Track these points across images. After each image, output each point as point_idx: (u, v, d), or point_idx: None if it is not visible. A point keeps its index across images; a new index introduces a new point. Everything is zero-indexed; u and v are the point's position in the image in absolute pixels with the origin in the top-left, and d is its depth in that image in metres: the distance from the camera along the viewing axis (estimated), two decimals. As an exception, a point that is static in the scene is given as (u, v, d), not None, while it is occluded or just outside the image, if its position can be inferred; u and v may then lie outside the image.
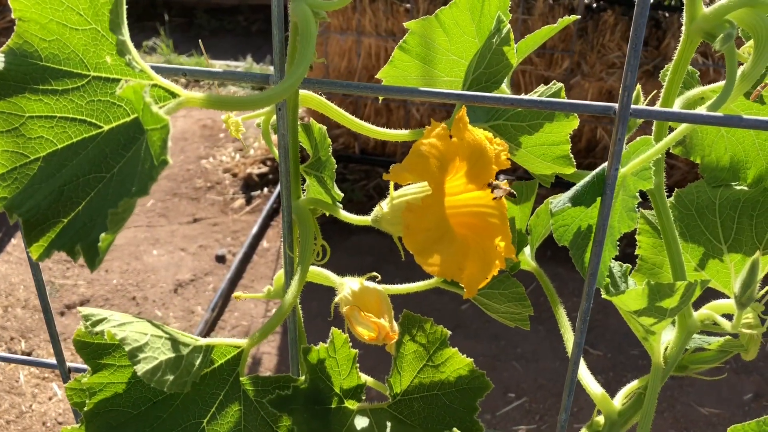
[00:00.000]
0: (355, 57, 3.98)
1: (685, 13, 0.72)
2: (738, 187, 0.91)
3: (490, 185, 0.72)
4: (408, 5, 3.72)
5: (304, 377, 0.73)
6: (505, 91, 0.83)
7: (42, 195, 0.60)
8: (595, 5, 3.69)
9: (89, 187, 0.60)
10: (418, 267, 0.67)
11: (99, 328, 0.61)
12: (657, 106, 0.77)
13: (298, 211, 0.78)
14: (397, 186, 0.74)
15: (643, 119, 0.69)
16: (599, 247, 0.71)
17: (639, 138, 0.77)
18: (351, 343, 0.75)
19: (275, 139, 0.76)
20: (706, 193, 0.91)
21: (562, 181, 0.89)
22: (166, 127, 0.53)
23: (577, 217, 0.78)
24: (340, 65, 4.05)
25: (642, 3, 0.60)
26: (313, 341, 0.77)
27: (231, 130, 0.82)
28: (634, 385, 0.93)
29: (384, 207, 0.74)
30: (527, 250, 0.99)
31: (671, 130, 0.79)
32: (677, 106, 0.81)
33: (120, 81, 0.62)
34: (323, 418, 0.72)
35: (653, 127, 0.83)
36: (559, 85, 0.81)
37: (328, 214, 0.81)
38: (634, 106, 0.65)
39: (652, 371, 0.88)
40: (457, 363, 0.75)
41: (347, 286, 0.80)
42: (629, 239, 0.92)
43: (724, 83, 0.71)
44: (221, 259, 3.93)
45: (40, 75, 0.60)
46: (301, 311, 0.84)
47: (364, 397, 0.76)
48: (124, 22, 0.61)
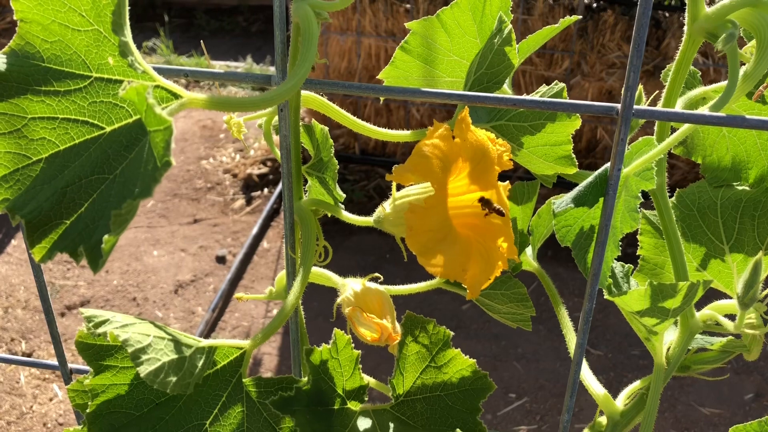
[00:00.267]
0: (355, 57, 3.98)
1: (687, 13, 0.72)
2: (740, 188, 0.91)
3: (480, 201, 0.72)
4: (408, 5, 3.72)
5: (306, 378, 0.73)
6: (506, 91, 0.83)
7: (44, 196, 0.60)
8: (595, 5, 3.68)
9: (92, 189, 0.60)
10: (419, 266, 0.67)
11: (101, 330, 0.61)
12: (659, 107, 0.77)
13: (300, 212, 0.78)
14: (399, 187, 0.74)
15: (645, 119, 0.68)
16: (602, 247, 0.71)
17: (641, 138, 0.77)
18: (353, 344, 0.75)
19: (277, 139, 0.76)
20: (708, 193, 0.91)
21: (563, 181, 0.89)
22: (170, 129, 0.53)
23: (580, 217, 0.78)
24: (340, 66, 4.05)
25: (644, 3, 0.60)
26: (315, 341, 0.77)
27: (233, 131, 0.82)
28: (636, 385, 0.93)
29: (386, 208, 0.74)
30: (529, 251, 0.99)
31: (673, 130, 0.79)
32: (679, 106, 0.81)
33: (122, 82, 0.62)
34: (326, 419, 0.72)
35: (655, 128, 0.82)
36: (561, 85, 0.81)
37: (330, 214, 0.81)
38: (636, 107, 0.65)
39: (655, 372, 0.88)
40: (459, 364, 0.75)
41: (349, 287, 0.80)
42: (630, 239, 0.92)
43: (726, 83, 0.71)
44: (221, 259, 3.93)
45: (42, 76, 0.60)
46: (303, 312, 0.83)
47: (366, 398, 0.76)
48: (127, 23, 0.61)
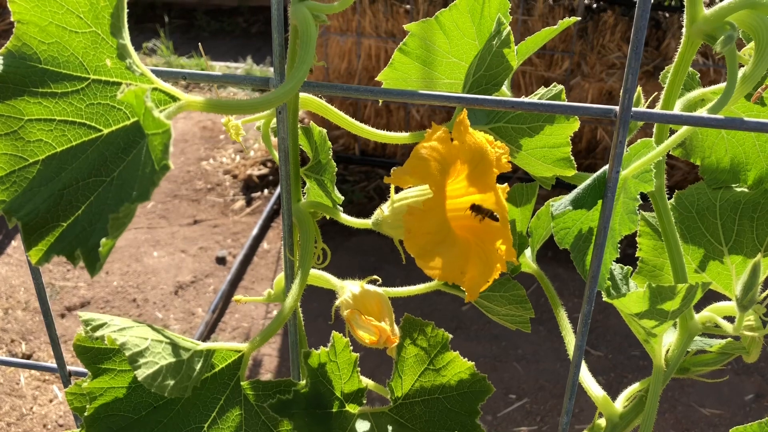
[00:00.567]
0: (355, 58, 3.98)
1: (685, 15, 0.72)
2: (738, 189, 0.90)
3: (472, 208, 0.71)
4: (408, 6, 3.72)
5: (304, 381, 0.73)
6: (505, 93, 0.83)
7: (41, 198, 0.59)
8: (595, 6, 3.68)
9: (89, 191, 0.60)
10: (419, 268, 0.67)
11: (99, 333, 0.61)
12: (658, 109, 0.77)
13: (298, 214, 0.78)
14: (398, 189, 0.74)
15: (644, 122, 0.68)
16: (600, 249, 0.70)
17: (640, 140, 0.77)
18: (352, 347, 0.75)
19: (275, 141, 0.76)
20: (707, 194, 0.91)
21: (562, 183, 0.89)
22: (168, 132, 0.52)
23: (579, 220, 0.78)
24: (340, 66, 4.05)
25: (643, 6, 0.60)
26: (315, 342, 0.77)
27: (231, 134, 0.82)
28: (635, 387, 0.93)
29: (385, 210, 0.74)
30: (528, 252, 0.99)
31: (672, 132, 0.79)
32: (678, 108, 0.81)
33: (120, 84, 0.62)
34: (324, 422, 0.72)
35: (654, 129, 0.82)
36: (560, 87, 0.81)
37: (329, 216, 0.81)
38: (635, 109, 0.65)
39: (654, 374, 0.88)
40: (458, 367, 0.75)
41: (348, 290, 0.80)
42: (630, 240, 0.92)
43: (724, 85, 0.71)
44: (222, 260, 3.93)
45: (39, 78, 0.60)
46: (301, 314, 0.83)
47: (365, 401, 0.76)
48: (125, 25, 0.61)
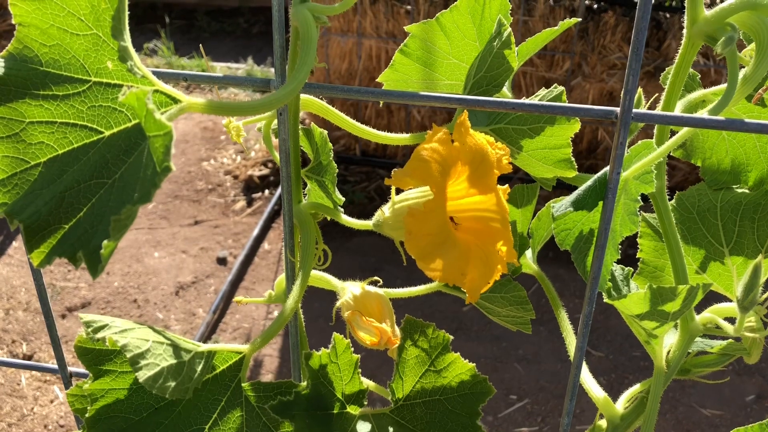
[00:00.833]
0: (356, 59, 3.98)
1: (686, 16, 0.72)
2: (739, 190, 0.90)
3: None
4: (408, 7, 3.73)
5: (305, 383, 0.73)
6: (506, 94, 0.83)
7: (43, 201, 0.60)
8: (595, 6, 3.68)
9: (90, 193, 0.60)
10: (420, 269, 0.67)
11: (100, 335, 0.61)
12: (658, 110, 0.77)
13: (299, 215, 0.78)
14: (398, 190, 0.74)
15: (644, 123, 0.68)
16: (601, 251, 0.70)
17: (640, 142, 0.77)
18: (353, 348, 0.75)
19: (276, 143, 0.76)
20: (708, 195, 0.91)
21: (563, 183, 0.89)
22: (169, 134, 0.52)
23: (579, 221, 0.78)
24: (341, 67, 4.05)
25: (643, 8, 0.60)
26: (316, 342, 0.77)
27: (232, 135, 0.82)
28: (636, 388, 0.93)
29: (386, 211, 0.74)
30: (529, 253, 0.99)
31: (673, 132, 0.79)
32: (678, 109, 0.81)
33: (121, 87, 0.62)
34: (325, 423, 0.72)
35: (654, 131, 0.82)
36: (561, 88, 0.81)
37: (330, 218, 0.81)
38: (635, 111, 0.65)
39: (655, 375, 0.88)
40: (459, 368, 0.75)
41: (349, 291, 0.80)
42: (631, 241, 0.92)
43: (725, 86, 0.71)
44: (222, 261, 3.93)
45: (40, 80, 0.60)
46: (302, 315, 0.83)
47: (366, 402, 0.76)
48: (126, 27, 0.61)
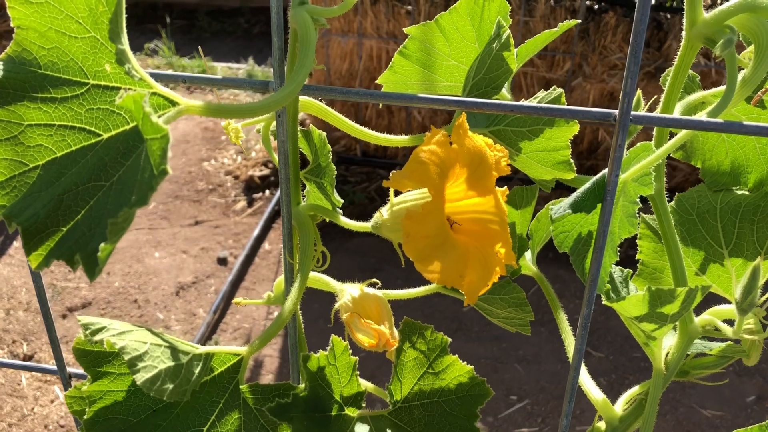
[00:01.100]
0: (357, 59, 3.98)
1: (685, 19, 0.72)
2: (739, 192, 0.90)
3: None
4: (409, 8, 3.72)
5: (303, 385, 0.73)
6: (505, 96, 0.83)
7: (41, 203, 0.60)
8: (596, 7, 3.68)
9: (88, 196, 0.60)
10: (418, 270, 0.67)
11: (98, 337, 0.61)
12: (657, 112, 0.77)
13: (297, 217, 0.78)
14: (397, 192, 0.74)
15: (643, 125, 0.68)
16: (600, 253, 0.70)
17: (639, 144, 0.76)
18: (351, 350, 0.75)
19: (275, 144, 0.76)
20: (707, 197, 0.91)
21: (563, 185, 0.89)
22: (166, 137, 0.52)
23: (578, 223, 0.78)
24: (341, 68, 4.05)
25: (642, 10, 0.60)
26: (316, 343, 0.77)
27: (231, 137, 0.82)
28: (635, 390, 0.93)
29: (384, 213, 0.74)
30: (528, 255, 0.99)
31: (672, 134, 0.79)
32: (678, 111, 0.81)
33: (119, 89, 0.62)
34: (323, 425, 0.72)
35: (654, 132, 0.82)
36: (559, 90, 0.81)
37: (328, 219, 0.81)
38: (634, 113, 0.65)
39: (654, 377, 0.88)
40: (457, 370, 0.75)
41: (347, 293, 0.80)
42: (631, 242, 0.92)
43: (724, 88, 0.71)
44: (223, 261, 3.93)
45: (38, 83, 0.60)
46: (301, 317, 0.83)
47: (364, 404, 0.76)
48: (124, 30, 0.61)
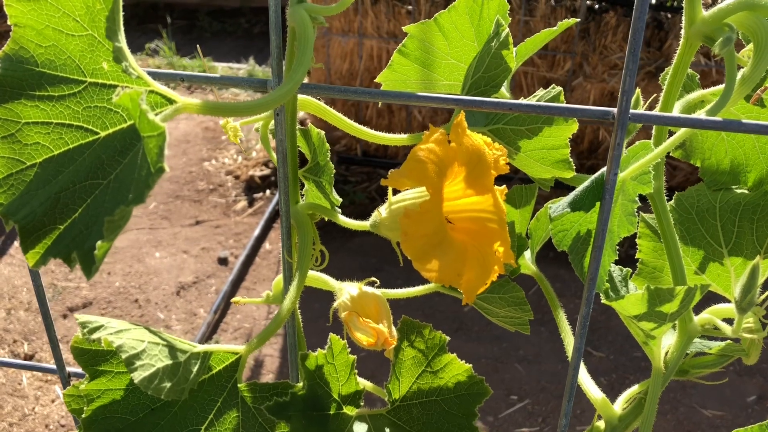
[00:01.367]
0: (357, 59, 3.98)
1: (684, 17, 0.72)
2: (738, 191, 0.90)
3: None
4: (410, 7, 3.72)
5: (302, 383, 0.73)
6: (504, 94, 0.83)
7: (38, 201, 0.59)
8: (597, 6, 3.68)
9: (86, 194, 0.60)
10: (417, 270, 0.67)
11: (96, 336, 0.61)
12: (656, 110, 0.77)
13: (296, 216, 0.78)
14: (395, 191, 0.74)
15: (642, 124, 0.68)
16: (599, 252, 0.70)
17: (638, 142, 0.76)
18: (349, 349, 0.75)
19: (274, 143, 0.76)
20: (707, 196, 0.91)
21: (562, 184, 0.89)
22: (163, 135, 0.52)
23: (577, 222, 0.77)
24: (342, 67, 4.05)
25: (640, 9, 0.60)
26: (317, 342, 0.77)
27: (230, 136, 0.82)
28: (634, 389, 0.92)
29: (383, 212, 0.74)
30: (527, 254, 0.98)
31: (671, 133, 0.79)
32: (677, 109, 0.81)
33: (117, 87, 0.62)
34: (321, 424, 0.72)
35: (653, 131, 0.82)
36: (558, 89, 0.81)
37: (327, 218, 0.81)
38: (633, 111, 0.65)
39: (653, 376, 0.87)
40: (455, 369, 0.75)
41: (346, 292, 0.80)
42: (631, 240, 0.92)
43: (723, 87, 0.71)
44: (223, 261, 3.93)
45: (36, 81, 0.60)
46: (301, 316, 0.83)
47: (362, 403, 0.76)
48: (121, 28, 0.61)
